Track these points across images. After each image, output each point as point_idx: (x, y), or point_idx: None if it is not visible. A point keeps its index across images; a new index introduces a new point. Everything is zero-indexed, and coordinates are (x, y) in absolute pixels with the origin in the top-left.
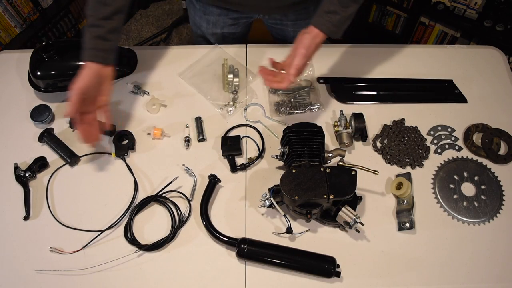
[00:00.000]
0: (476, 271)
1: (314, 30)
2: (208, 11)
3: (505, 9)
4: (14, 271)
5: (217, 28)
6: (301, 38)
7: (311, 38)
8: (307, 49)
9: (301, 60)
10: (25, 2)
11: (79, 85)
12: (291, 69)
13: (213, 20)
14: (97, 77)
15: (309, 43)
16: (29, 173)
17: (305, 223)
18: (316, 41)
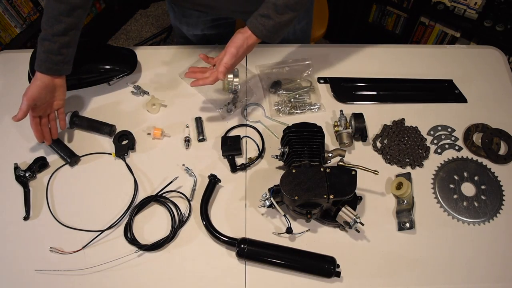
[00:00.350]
0: (476, 271)
1: (247, 31)
2: (187, 13)
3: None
4: (14, 271)
5: (197, 29)
6: (235, 37)
7: (244, 38)
8: (237, 49)
9: (230, 59)
10: (25, 2)
11: (28, 94)
12: (220, 66)
13: (192, 22)
14: (47, 88)
15: (241, 43)
16: (29, 173)
17: (305, 223)
18: (248, 42)
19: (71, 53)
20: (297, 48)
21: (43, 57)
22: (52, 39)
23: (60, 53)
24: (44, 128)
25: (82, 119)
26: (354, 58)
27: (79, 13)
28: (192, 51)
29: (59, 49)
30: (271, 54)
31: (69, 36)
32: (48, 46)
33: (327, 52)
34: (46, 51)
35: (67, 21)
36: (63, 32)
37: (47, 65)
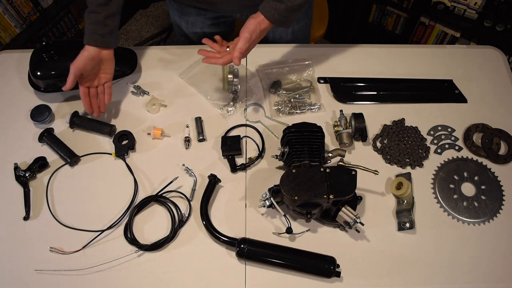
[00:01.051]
0: (476, 271)
1: (260, 16)
2: (185, 11)
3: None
4: (14, 271)
5: (197, 27)
6: (248, 23)
7: (256, 23)
8: (251, 34)
9: (244, 44)
10: (25, 2)
11: (75, 64)
12: (235, 52)
13: (191, 20)
14: (94, 60)
15: (253, 28)
16: (29, 173)
17: (305, 223)
18: (261, 27)
19: (115, 23)
20: (297, 48)
21: (90, 29)
22: (97, 10)
23: (105, 24)
24: (93, 99)
25: (82, 119)
26: (354, 58)
27: None
28: (192, 51)
29: (104, 20)
30: (271, 54)
31: (112, 6)
32: (94, 18)
33: (327, 52)
34: (93, 22)
35: None
36: (106, 2)
37: (94, 37)
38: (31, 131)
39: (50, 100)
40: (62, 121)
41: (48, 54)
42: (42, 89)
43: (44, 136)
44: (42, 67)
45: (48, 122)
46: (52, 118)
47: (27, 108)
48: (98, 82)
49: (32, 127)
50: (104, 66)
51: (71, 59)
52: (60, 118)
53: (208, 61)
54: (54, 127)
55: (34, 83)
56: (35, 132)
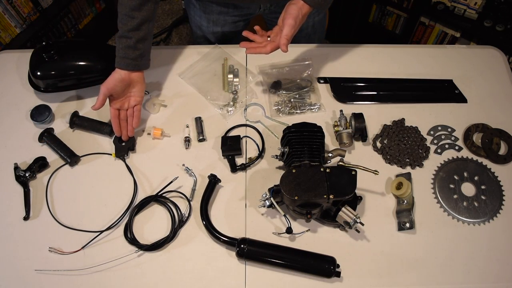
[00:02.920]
0: (476, 271)
1: (299, 1)
2: (208, 9)
3: (505, 9)
4: (14, 271)
5: (218, 26)
6: (289, 9)
7: (298, 9)
8: (295, 20)
9: (290, 30)
10: (25, 2)
11: (106, 85)
12: (281, 39)
13: (213, 18)
14: (123, 82)
15: (296, 14)
16: (29, 173)
17: (305, 223)
18: (303, 12)
19: (147, 47)
20: (297, 48)
21: (121, 54)
22: (128, 35)
23: (136, 48)
24: (122, 122)
25: (82, 119)
26: (354, 58)
27: (150, 6)
28: (192, 51)
29: (135, 44)
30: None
31: (143, 31)
32: (125, 43)
33: (327, 52)
34: (124, 47)
35: (139, 16)
36: (137, 27)
37: (126, 61)
38: (31, 131)
39: (50, 100)
40: (62, 121)
41: (48, 54)
42: (42, 89)
43: (44, 136)
44: (42, 67)
45: (48, 122)
46: (52, 118)
47: (27, 108)
48: (128, 104)
49: (32, 127)
50: (135, 88)
51: (71, 59)
52: (60, 118)
53: (253, 51)
54: (54, 127)
55: (34, 83)
56: (35, 132)
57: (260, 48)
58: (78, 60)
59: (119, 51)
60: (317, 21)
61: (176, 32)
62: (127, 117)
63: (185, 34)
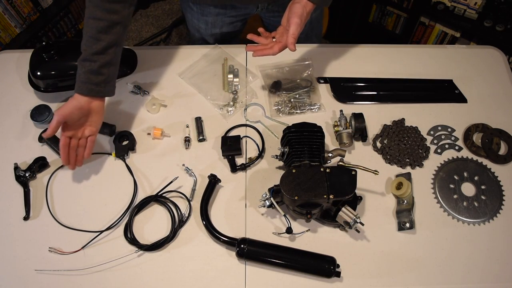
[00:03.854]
0: (476, 271)
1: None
2: (206, 12)
3: (505, 9)
4: (14, 271)
5: (216, 28)
6: (293, 8)
7: (302, 7)
8: (300, 18)
9: (296, 29)
10: (25, 2)
11: (61, 112)
12: (289, 38)
13: (211, 20)
14: (82, 109)
15: (301, 12)
16: (29, 173)
17: (305, 223)
18: (307, 9)
19: (112, 73)
20: (297, 48)
21: (83, 78)
22: (91, 59)
23: (100, 73)
24: (72, 151)
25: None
26: (354, 58)
27: (118, 29)
28: (192, 51)
29: (99, 69)
30: None
31: (109, 55)
32: (89, 67)
33: (327, 52)
34: (86, 71)
35: (105, 39)
36: (102, 50)
37: (88, 86)
38: (31, 131)
39: (50, 100)
40: None
41: (48, 54)
42: (42, 89)
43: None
44: (42, 67)
45: (48, 122)
46: (52, 118)
47: (27, 108)
48: (82, 134)
49: (32, 127)
50: (92, 118)
51: (71, 59)
52: None
53: (260, 54)
54: None
55: (34, 83)
56: (35, 132)
57: (267, 49)
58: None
59: (80, 75)
60: (314, 18)
61: (176, 32)
62: (78, 146)
63: (185, 34)
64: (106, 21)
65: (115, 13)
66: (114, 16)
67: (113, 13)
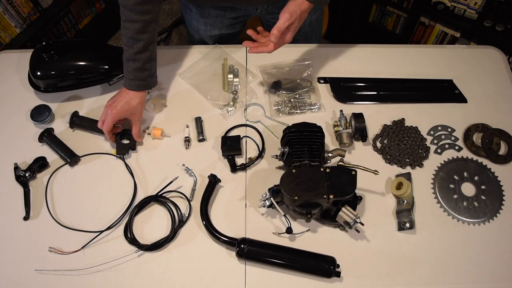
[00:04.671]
0: (476, 271)
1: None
2: (205, 13)
3: (505, 9)
4: (14, 271)
5: (215, 29)
6: (288, 4)
7: (297, 5)
8: (291, 14)
9: (283, 23)
10: (25, 2)
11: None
12: (273, 29)
13: (211, 22)
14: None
15: (294, 9)
16: (29, 173)
17: (305, 223)
18: (301, 8)
19: (154, 66)
20: (297, 48)
21: (131, 76)
22: (135, 58)
23: (145, 69)
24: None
25: (82, 119)
26: (354, 58)
27: (153, 27)
28: (192, 51)
29: (143, 65)
30: (272, 54)
31: (149, 51)
32: (134, 65)
33: (327, 52)
34: (133, 70)
35: (144, 38)
36: (143, 48)
37: (137, 83)
38: (31, 131)
39: (50, 100)
40: (62, 121)
41: (48, 54)
42: (42, 89)
43: (44, 136)
44: (42, 67)
45: (48, 122)
46: (52, 118)
47: (27, 108)
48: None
49: (32, 127)
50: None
51: (71, 59)
52: (60, 118)
53: (256, 51)
54: (54, 127)
55: (34, 83)
56: (35, 132)
57: (263, 47)
58: (78, 60)
59: (128, 74)
60: (314, 20)
61: (176, 32)
62: None
63: (185, 34)
64: (142, 22)
65: (148, 13)
66: (147, 16)
67: (147, 14)
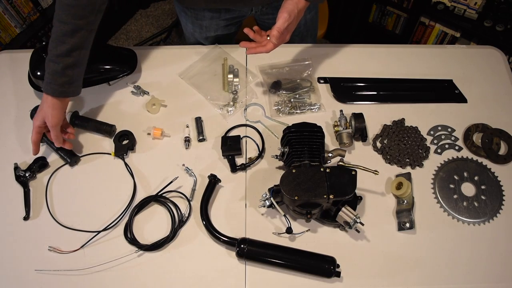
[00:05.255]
0: (476, 271)
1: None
2: (200, 16)
3: (505, 9)
4: (14, 271)
5: (211, 31)
6: (285, 3)
7: (294, 4)
8: (289, 13)
9: (283, 23)
10: (25, 2)
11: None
12: (273, 30)
13: (206, 24)
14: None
15: (292, 8)
16: (29, 173)
17: (305, 223)
18: (299, 7)
19: (77, 74)
20: (297, 48)
21: (48, 79)
22: (56, 60)
23: (64, 75)
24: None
25: (82, 119)
26: (354, 58)
27: (83, 34)
28: (192, 51)
29: (63, 70)
30: (271, 54)
31: (73, 57)
32: (52, 67)
33: (327, 52)
34: (51, 72)
35: (70, 42)
36: (66, 53)
37: (52, 87)
38: (31, 131)
39: None
40: None
41: None
42: (42, 89)
43: (44, 136)
44: (42, 67)
45: None
46: None
47: (27, 108)
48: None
49: (32, 127)
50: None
51: None
52: None
53: (254, 51)
54: None
55: (34, 83)
56: None
57: (261, 47)
58: None
59: (46, 76)
60: (309, 19)
61: (176, 32)
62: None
63: None
64: (71, 24)
65: (80, 18)
66: (79, 21)
67: (79, 18)
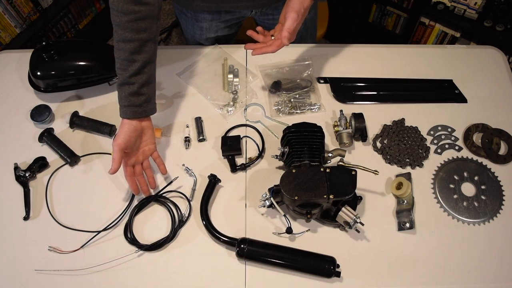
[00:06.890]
0: (476, 271)
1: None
2: (200, 18)
3: (505, 9)
4: (14, 271)
5: (211, 32)
6: (291, 3)
7: (300, 2)
8: (297, 13)
9: (292, 24)
10: (25, 2)
11: (118, 141)
12: (283, 31)
13: (206, 26)
14: (136, 132)
15: (298, 7)
16: (29, 173)
17: (305, 223)
18: (304, 5)
19: (151, 90)
20: (297, 48)
21: (125, 102)
22: (130, 81)
23: (141, 93)
24: (140, 178)
25: (82, 119)
26: (354, 58)
27: (150, 46)
28: (192, 51)
29: (139, 89)
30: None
31: (146, 74)
32: (128, 90)
33: (327, 52)
34: (127, 95)
35: (140, 59)
36: (138, 71)
37: (132, 109)
38: (31, 131)
39: (50, 100)
40: (62, 121)
41: (48, 54)
42: (42, 89)
43: (44, 136)
44: (42, 67)
45: (48, 122)
46: (52, 118)
47: (27, 108)
48: (142, 156)
49: (32, 127)
50: (146, 136)
51: (71, 59)
52: (60, 118)
53: (259, 52)
54: (54, 127)
55: (34, 83)
56: (35, 132)
57: (266, 47)
58: (78, 60)
59: (122, 100)
60: (308, 19)
61: (176, 32)
62: (144, 170)
63: None
64: (137, 41)
65: (144, 31)
66: (143, 34)
67: (142, 32)
